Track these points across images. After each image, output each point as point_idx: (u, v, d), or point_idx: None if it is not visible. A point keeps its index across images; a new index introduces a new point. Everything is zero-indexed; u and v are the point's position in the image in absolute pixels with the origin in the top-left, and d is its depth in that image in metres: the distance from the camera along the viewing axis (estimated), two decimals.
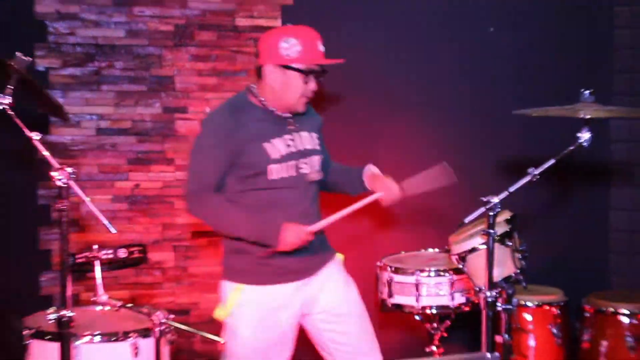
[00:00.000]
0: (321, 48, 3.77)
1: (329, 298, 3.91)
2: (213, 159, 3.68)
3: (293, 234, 3.56)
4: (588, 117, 3.63)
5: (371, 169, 3.92)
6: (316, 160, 3.85)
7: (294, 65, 3.69)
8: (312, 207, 3.85)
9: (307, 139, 3.85)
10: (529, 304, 4.88)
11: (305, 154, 3.80)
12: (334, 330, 3.92)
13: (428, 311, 4.28)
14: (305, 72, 3.71)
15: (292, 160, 3.74)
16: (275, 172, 3.69)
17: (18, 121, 3.17)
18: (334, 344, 3.96)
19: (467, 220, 3.64)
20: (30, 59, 3.37)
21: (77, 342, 3.32)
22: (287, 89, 3.73)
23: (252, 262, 3.76)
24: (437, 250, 4.62)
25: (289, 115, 3.81)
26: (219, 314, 3.68)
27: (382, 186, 3.81)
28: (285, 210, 3.70)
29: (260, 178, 3.67)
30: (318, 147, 3.89)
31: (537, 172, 3.55)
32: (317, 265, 3.88)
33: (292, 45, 3.69)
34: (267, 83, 3.75)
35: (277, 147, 3.70)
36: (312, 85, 3.75)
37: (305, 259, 3.80)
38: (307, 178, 3.79)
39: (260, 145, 3.66)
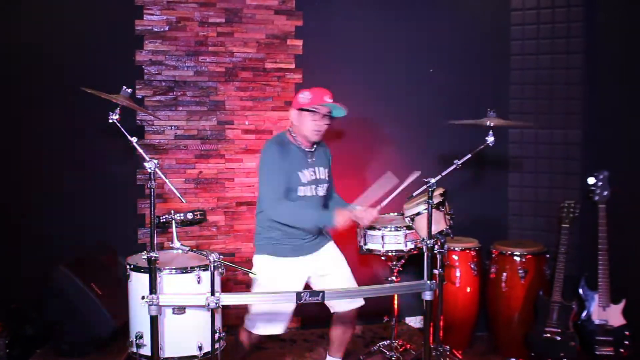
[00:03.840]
0: (328, 98, 3.80)
1: (330, 266, 3.98)
2: (279, 175, 3.73)
3: (341, 218, 3.63)
4: (492, 124, 3.64)
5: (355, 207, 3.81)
6: (326, 186, 3.97)
7: (305, 107, 3.76)
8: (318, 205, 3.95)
9: (322, 172, 3.94)
10: (456, 248, 4.87)
11: (320, 182, 3.90)
12: (329, 285, 3.93)
13: (390, 254, 4.27)
14: (312, 111, 3.75)
15: (312, 185, 3.85)
16: (302, 191, 3.81)
17: (123, 130, 3.16)
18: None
19: (414, 194, 3.65)
20: (131, 90, 3.36)
21: (160, 274, 3.32)
22: (302, 125, 3.80)
23: (278, 241, 3.85)
24: (395, 214, 4.60)
25: (311, 149, 3.89)
26: (251, 275, 3.70)
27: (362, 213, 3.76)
28: None
29: (292, 194, 3.77)
30: (327, 179, 3.98)
31: (460, 162, 3.57)
32: (316, 245, 3.96)
33: (306, 96, 3.80)
34: (293, 123, 3.84)
35: (305, 175, 3.82)
36: (319, 121, 3.80)
37: (311, 241, 3.91)
38: (320, 195, 3.92)
39: (296, 173, 3.78)
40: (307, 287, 3.98)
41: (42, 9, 4.73)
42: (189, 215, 3.60)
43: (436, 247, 3.58)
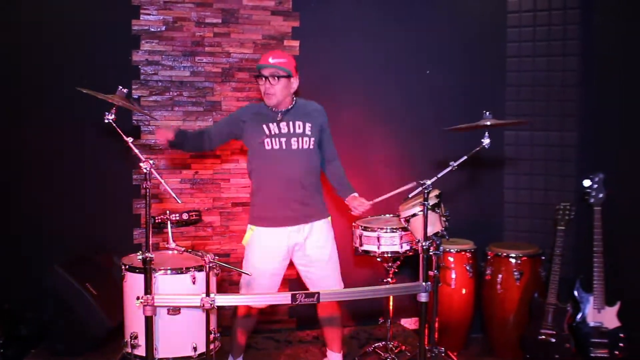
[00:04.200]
0: (270, 59, 3.83)
1: (310, 247, 3.95)
2: (222, 121, 4.13)
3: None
4: (489, 124, 3.65)
5: (354, 194, 3.98)
6: (310, 141, 3.91)
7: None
8: (306, 178, 3.92)
9: (299, 125, 3.89)
10: (451, 250, 4.87)
11: (294, 135, 3.86)
12: (308, 271, 3.97)
13: (385, 255, 4.26)
14: (256, 77, 3.87)
15: (282, 138, 3.84)
16: (268, 143, 3.84)
17: (119, 130, 3.15)
18: (307, 279, 4.03)
19: (410, 195, 3.64)
20: (127, 90, 3.35)
21: (156, 274, 3.32)
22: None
23: (259, 210, 3.90)
24: (391, 215, 4.60)
25: (282, 110, 3.91)
26: (243, 242, 3.77)
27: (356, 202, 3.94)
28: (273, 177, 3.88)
29: (260, 147, 3.84)
30: (310, 134, 3.91)
31: (455, 164, 3.56)
32: (304, 218, 3.92)
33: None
34: None
35: (271, 128, 3.84)
36: (262, 85, 3.86)
37: (295, 211, 3.88)
38: (294, 148, 3.85)
39: (261, 125, 3.85)
40: (291, 263, 4.04)
41: (40, 9, 4.72)
42: (185, 216, 3.60)
43: (432, 248, 3.58)
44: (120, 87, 3.34)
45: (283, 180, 3.86)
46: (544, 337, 4.52)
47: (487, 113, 3.71)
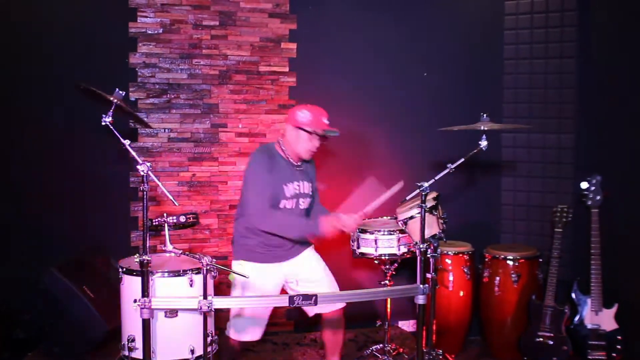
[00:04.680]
0: (325, 120, 3.85)
1: (306, 272, 3.99)
2: (267, 185, 3.73)
3: (327, 226, 3.68)
4: (486, 129, 3.65)
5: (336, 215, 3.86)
6: (308, 200, 3.98)
7: (303, 127, 3.78)
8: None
9: (306, 187, 3.95)
10: (449, 252, 4.86)
11: (302, 196, 3.92)
12: (310, 290, 3.96)
13: (383, 257, 4.26)
14: (310, 133, 3.78)
15: (294, 199, 3.87)
16: (284, 204, 3.83)
17: (116, 132, 3.14)
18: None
19: (407, 198, 3.65)
20: (124, 92, 3.35)
21: (153, 277, 3.32)
22: (297, 143, 3.82)
23: (254, 248, 3.86)
24: (389, 217, 4.59)
25: (299, 164, 3.92)
26: (230, 278, 3.75)
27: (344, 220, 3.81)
28: None
29: (274, 206, 3.78)
30: (311, 193, 3.99)
31: (453, 166, 3.57)
32: (295, 252, 3.97)
33: (305, 115, 3.82)
34: (287, 138, 3.86)
35: (289, 188, 3.83)
36: (316, 143, 3.85)
37: (288, 249, 3.92)
38: (301, 209, 3.92)
39: (281, 185, 3.79)
40: (284, 292, 4.01)
41: (36, 12, 4.72)
42: (182, 218, 3.59)
43: (429, 251, 3.57)
44: (117, 89, 3.34)
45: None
46: (541, 339, 4.52)
47: (485, 116, 3.71)
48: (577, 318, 4.51)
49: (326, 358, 4.20)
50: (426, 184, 3.50)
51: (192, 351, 3.37)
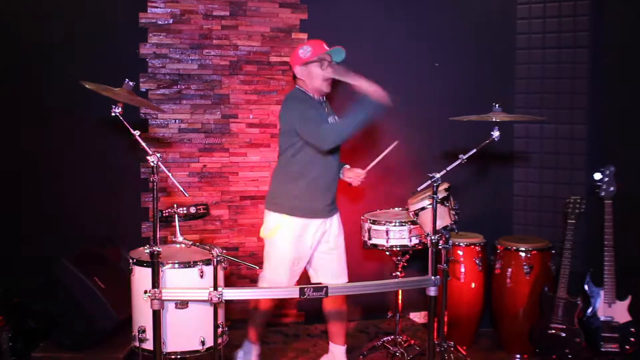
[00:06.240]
0: (326, 46, 3.89)
1: (331, 236, 4.04)
2: (313, 110, 3.80)
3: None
4: (498, 120, 3.62)
5: (346, 166, 4.10)
6: None
7: (310, 60, 3.81)
8: (338, 171, 4.11)
9: (334, 119, 3.98)
10: (461, 244, 4.84)
11: None
12: (324, 258, 3.99)
13: (394, 249, 4.24)
14: (318, 61, 3.82)
15: None
16: None
17: (126, 123, 3.13)
18: (322, 266, 4.05)
19: (419, 189, 3.62)
20: (134, 83, 3.35)
21: (163, 268, 3.31)
22: (312, 78, 3.86)
23: (301, 196, 3.89)
24: (400, 208, 4.57)
25: (324, 100, 3.96)
26: (263, 233, 3.77)
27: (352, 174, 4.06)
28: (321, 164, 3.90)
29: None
30: None
31: (465, 157, 3.54)
32: (332, 211, 4.04)
33: (306, 50, 3.87)
34: (301, 79, 3.90)
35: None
36: (328, 70, 3.85)
37: (327, 206, 3.98)
38: None
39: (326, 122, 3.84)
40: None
41: (46, 2, 4.71)
42: (192, 209, 3.58)
43: (441, 242, 3.55)
44: (127, 80, 3.32)
45: (331, 171, 3.97)
46: (554, 331, 4.48)
47: (497, 106, 3.68)
48: (589, 310, 4.47)
49: (331, 340, 4.23)
50: (438, 175, 3.47)
51: (203, 342, 3.36)
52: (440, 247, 3.55)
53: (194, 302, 3.33)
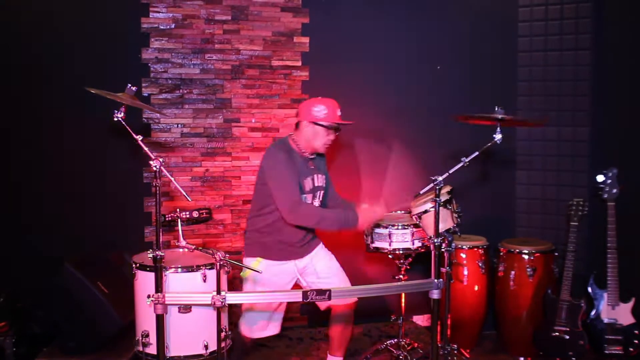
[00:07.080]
0: (339, 113, 3.83)
1: (319, 266, 3.99)
2: (292, 178, 3.72)
3: (367, 216, 3.73)
4: (500, 121, 3.61)
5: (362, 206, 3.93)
6: (323, 193, 4.00)
7: (320, 122, 3.76)
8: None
9: (320, 179, 3.96)
10: (464, 246, 4.83)
11: (318, 189, 3.93)
12: (320, 283, 3.96)
13: (397, 252, 4.23)
14: (327, 127, 3.77)
15: (311, 193, 3.87)
16: (305, 198, 3.82)
17: (128, 128, 3.13)
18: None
19: (422, 192, 3.61)
20: (136, 88, 3.34)
21: (166, 272, 3.31)
22: (314, 138, 3.81)
23: (271, 246, 3.86)
24: (403, 212, 4.56)
25: (312, 157, 3.91)
26: (242, 275, 3.76)
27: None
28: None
29: None
30: (325, 185, 4.00)
31: (467, 160, 3.52)
32: (309, 249, 3.99)
33: (321, 110, 3.80)
34: (302, 133, 3.83)
35: (308, 183, 3.83)
36: (332, 136, 3.85)
37: (302, 246, 3.93)
38: (318, 202, 3.95)
39: (300, 181, 3.77)
40: (297, 287, 4.00)
41: (48, 7, 4.72)
42: (195, 214, 3.58)
43: (444, 245, 3.54)
44: (129, 85, 3.33)
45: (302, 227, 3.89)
46: (557, 333, 4.48)
47: (499, 109, 3.68)
48: (593, 312, 4.46)
49: (330, 352, 4.19)
50: (440, 178, 3.46)
51: (206, 346, 3.36)
52: (443, 250, 3.55)
53: (197, 306, 3.33)
